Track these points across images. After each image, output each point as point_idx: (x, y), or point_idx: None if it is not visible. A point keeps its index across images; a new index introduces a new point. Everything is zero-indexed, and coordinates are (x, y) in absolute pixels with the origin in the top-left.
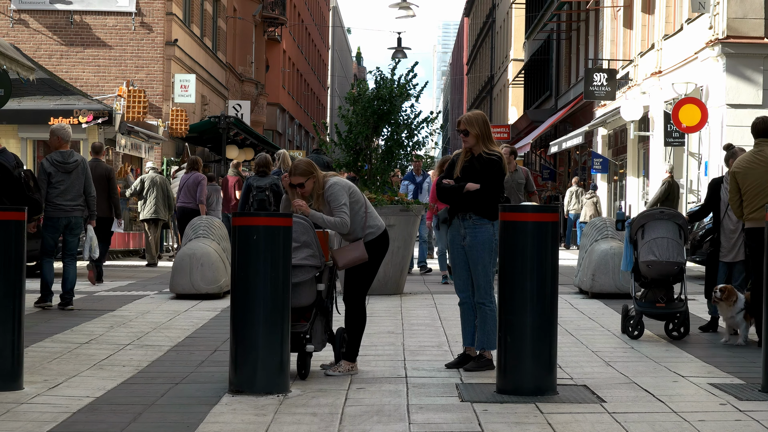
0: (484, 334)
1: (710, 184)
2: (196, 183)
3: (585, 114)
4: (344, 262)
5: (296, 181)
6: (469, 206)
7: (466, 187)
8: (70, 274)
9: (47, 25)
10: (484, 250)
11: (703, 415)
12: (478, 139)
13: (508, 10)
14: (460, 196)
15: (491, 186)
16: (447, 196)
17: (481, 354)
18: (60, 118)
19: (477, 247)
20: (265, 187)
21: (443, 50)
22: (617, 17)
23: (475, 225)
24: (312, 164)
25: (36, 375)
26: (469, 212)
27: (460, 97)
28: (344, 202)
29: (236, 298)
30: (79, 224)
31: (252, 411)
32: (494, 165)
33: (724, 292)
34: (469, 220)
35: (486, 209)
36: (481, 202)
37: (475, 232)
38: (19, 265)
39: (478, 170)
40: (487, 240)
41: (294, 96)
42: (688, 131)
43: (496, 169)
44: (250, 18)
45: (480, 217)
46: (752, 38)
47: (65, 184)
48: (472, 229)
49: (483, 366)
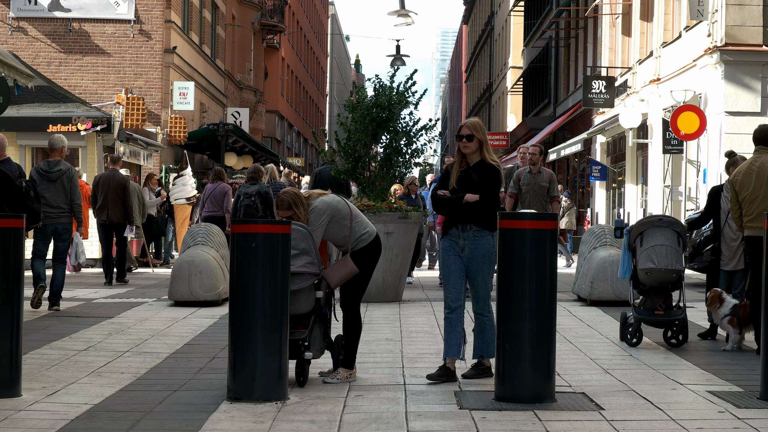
0: (483, 343)
1: (710, 192)
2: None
3: (584, 121)
4: (336, 281)
5: (284, 214)
6: (469, 217)
7: (465, 198)
8: (58, 277)
9: (46, 32)
10: (485, 261)
11: (701, 422)
12: (481, 145)
13: (507, 18)
14: (459, 207)
15: (490, 196)
16: (444, 207)
17: (480, 362)
18: (59, 125)
19: (477, 259)
20: (252, 193)
21: (442, 58)
22: (616, 25)
23: (475, 236)
24: (296, 196)
25: (34, 382)
26: (469, 223)
27: (459, 104)
28: (319, 223)
29: (235, 305)
30: (67, 230)
31: (250, 418)
32: (496, 174)
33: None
34: (469, 231)
35: (486, 220)
36: (482, 212)
37: (475, 244)
38: (18, 272)
39: (475, 180)
40: (488, 252)
41: (293, 103)
42: (686, 139)
43: (497, 179)
44: (248, 26)
45: (480, 229)
46: (751, 46)
47: (50, 192)
48: (472, 240)
49: (482, 373)
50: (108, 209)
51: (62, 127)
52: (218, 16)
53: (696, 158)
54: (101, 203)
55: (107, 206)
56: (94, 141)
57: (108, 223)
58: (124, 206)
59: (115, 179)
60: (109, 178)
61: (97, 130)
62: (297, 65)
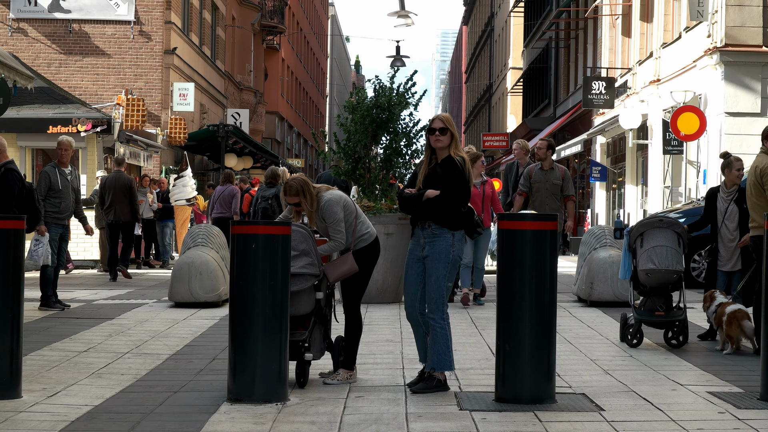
0: (434, 354)
1: (707, 195)
2: (231, 195)
3: (583, 122)
4: (334, 277)
5: (291, 201)
6: (427, 215)
7: (426, 194)
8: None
9: (46, 33)
10: (440, 261)
11: (701, 423)
12: (453, 139)
13: (507, 19)
14: (419, 205)
15: (451, 192)
16: (406, 205)
17: (431, 375)
18: (59, 126)
19: (434, 257)
20: (269, 196)
21: (442, 59)
22: (616, 25)
23: (434, 234)
24: (304, 183)
25: (34, 383)
26: (428, 221)
27: (459, 105)
28: (339, 218)
29: (235, 306)
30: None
31: (250, 419)
32: (455, 168)
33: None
34: (428, 230)
35: (445, 218)
36: (440, 209)
37: (433, 242)
38: (18, 273)
39: (440, 175)
40: (444, 251)
41: (293, 104)
42: (686, 139)
43: (457, 173)
44: (248, 27)
45: (439, 227)
46: (750, 46)
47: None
48: (431, 238)
49: (432, 388)
50: (115, 209)
51: (62, 128)
52: (218, 17)
53: (696, 159)
54: (109, 203)
55: (114, 206)
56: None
57: (115, 223)
58: (131, 205)
59: (121, 180)
60: (115, 180)
61: (97, 132)
62: (297, 66)
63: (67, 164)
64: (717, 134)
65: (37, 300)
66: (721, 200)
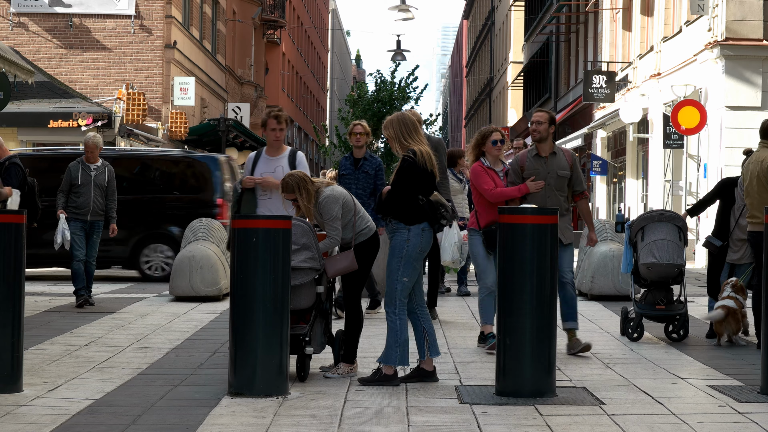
0: (385, 347)
1: (723, 181)
2: None
3: (584, 116)
4: (333, 272)
5: (288, 197)
6: (386, 211)
7: (382, 191)
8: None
9: (46, 28)
10: (393, 255)
11: (702, 417)
12: (393, 141)
13: (507, 13)
14: (377, 203)
15: (399, 187)
16: (377, 205)
17: (379, 368)
18: (59, 121)
19: (390, 251)
20: None
21: (443, 53)
22: (616, 19)
23: (393, 230)
24: (301, 180)
25: (35, 377)
26: (388, 216)
27: (460, 99)
28: (334, 215)
29: (235, 300)
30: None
31: (251, 413)
32: (401, 164)
33: None
34: (390, 225)
35: (399, 212)
36: (393, 205)
37: (392, 237)
38: (19, 268)
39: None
40: (397, 245)
41: (293, 98)
42: (687, 133)
43: (401, 168)
44: (249, 21)
45: (397, 222)
46: (751, 40)
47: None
48: (391, 233)
49: (377, 381)
50: None
51: (63, 123)
52: (219, 12)
53: (696, 153)
54: None
55: None
56: None
57: None
58: None
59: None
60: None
61: (98, 126)
62: (297, 60)
63: (94, 161)
64: (717, 128)
65: (38, 294)
66: (739, 197)
